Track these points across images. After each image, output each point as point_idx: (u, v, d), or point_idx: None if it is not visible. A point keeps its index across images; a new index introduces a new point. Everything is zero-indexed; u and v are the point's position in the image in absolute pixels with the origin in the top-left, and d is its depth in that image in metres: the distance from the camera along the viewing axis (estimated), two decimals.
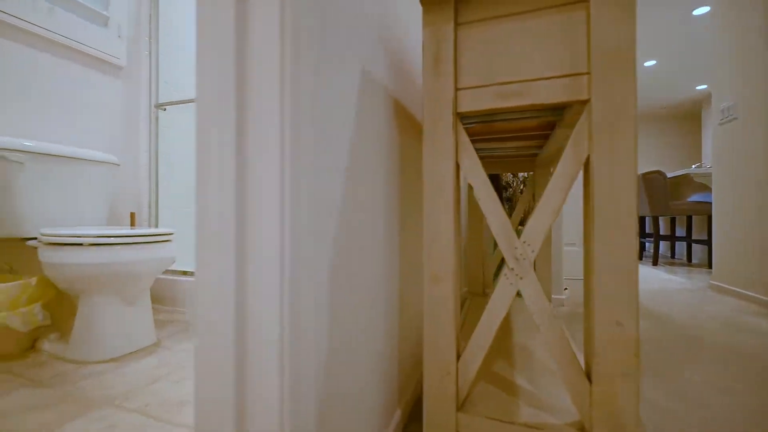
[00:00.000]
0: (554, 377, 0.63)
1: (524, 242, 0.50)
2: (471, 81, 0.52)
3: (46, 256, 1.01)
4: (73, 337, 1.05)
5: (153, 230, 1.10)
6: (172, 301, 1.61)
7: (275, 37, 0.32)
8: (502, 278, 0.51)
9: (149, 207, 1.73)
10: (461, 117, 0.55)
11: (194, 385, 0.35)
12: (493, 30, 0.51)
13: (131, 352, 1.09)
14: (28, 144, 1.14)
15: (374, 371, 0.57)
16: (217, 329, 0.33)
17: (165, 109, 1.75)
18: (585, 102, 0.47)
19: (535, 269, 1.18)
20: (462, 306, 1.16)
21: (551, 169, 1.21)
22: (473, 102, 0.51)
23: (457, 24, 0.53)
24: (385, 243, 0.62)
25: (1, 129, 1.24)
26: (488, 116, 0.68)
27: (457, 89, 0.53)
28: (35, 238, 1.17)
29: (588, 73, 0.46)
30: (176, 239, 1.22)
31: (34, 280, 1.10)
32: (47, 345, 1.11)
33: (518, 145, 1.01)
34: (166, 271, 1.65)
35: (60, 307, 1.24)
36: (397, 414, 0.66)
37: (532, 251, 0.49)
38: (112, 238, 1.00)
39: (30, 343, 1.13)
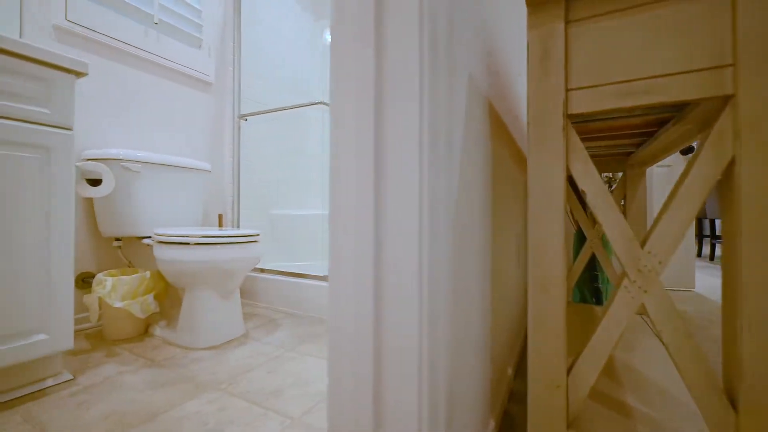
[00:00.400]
0: (673, 400, 0.58)
1: (649, 252, 0.46)
2: (585, 81, 0.49)
3: (159, 253, 1.16)
4: (179, 325, 1.19)
5: (245, 231, 1.20)
6: (251, 296, 1.75)
7: (415, 44, 0.33)
8: (621, 291, 0.47)
9: (232, 209, 1.90)
10: (570, 119, 0.52)
11: (328, 390, 0.37)
12: (612, 25, 0.48)
13: (226, 342, 1.20)
14: (144, 155, 1.31)
15: (475, 377, 0.56)
16: (352, 335, 0.36)
17: (246, 120, 1.91)
18: (728, 98, 0.42)
19: None
20: None
21: (646, 169, 1.10)
22: (588, 103, 0.49)
23: (567, 22, 0.51)
24: (481, 247, 0.61)
25: (120, 142, 1.44)
26: (587, 116, 0.64)
27: (567, 90, 0.50)
28: (149, 237, 1.34)
29: (732, 65, 0.42)
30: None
31: (148, 274, 1.27)
32: (158, 330, 1.27)
33: (610, 144, 0.94)
34: None
35: (167, 298, 1.41)
36: (491, 424, 0.64)
37: (660, 262, 0.45)
38: (213, 238, 1.11)
39: (144, 329, 1.30)
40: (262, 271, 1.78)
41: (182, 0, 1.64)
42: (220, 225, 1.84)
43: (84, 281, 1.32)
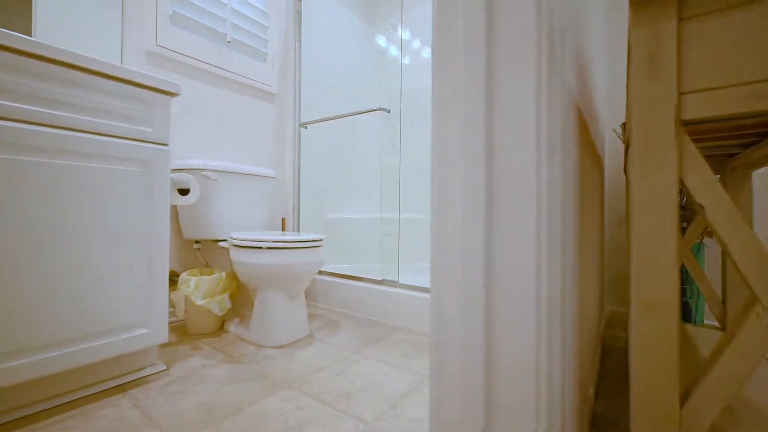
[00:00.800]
0: None
1: None
2: (704, 83, 0.44)
3: (235, 255, 1.25)
4: (251, 323, 1.27)
5: (311, 236, 1.25)
6: (312, 297, 1.82)
7: (533, 44, 0.32)
8: (752, 318, 0.42)
9: (293, 213, 2.00)
10: (685, 125, 0.47)
11: (430, 386, 0.37)
12: (740, 19, 0.42)
13: (294, 341, 1.27)
14: (220, 164, 1.42)
15: (568, 392, 0.53)
16: (459, 336, 0.35)
17: (306, 128, 1.99)
18: None
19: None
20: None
21: (752, 173, 0.97)
22: (709, 107, 0.44)
23: (680, 20, 0.46)
24: (571, 257, 0.58)
25: (196, 152, 1.58)
26: (700, 120, 0.57)
27: (680, 94, 0.46)
28: (225, 240, 1.45)
29: None
30: None
31: (223, 274, 1.37)
32: (233, 327, 1.37)
33: (711, 145, 0.84)
34: None
35: (239, 297, 1.52)
36: None
37: None
38: (283, 243, 1.18)
39: (220, 325, 1.41)
40: (321, 273, 1.84)
41: (251, 18, 1.76)
42: (283, 228, 1.94)
43: (170, 279, 1.46)
